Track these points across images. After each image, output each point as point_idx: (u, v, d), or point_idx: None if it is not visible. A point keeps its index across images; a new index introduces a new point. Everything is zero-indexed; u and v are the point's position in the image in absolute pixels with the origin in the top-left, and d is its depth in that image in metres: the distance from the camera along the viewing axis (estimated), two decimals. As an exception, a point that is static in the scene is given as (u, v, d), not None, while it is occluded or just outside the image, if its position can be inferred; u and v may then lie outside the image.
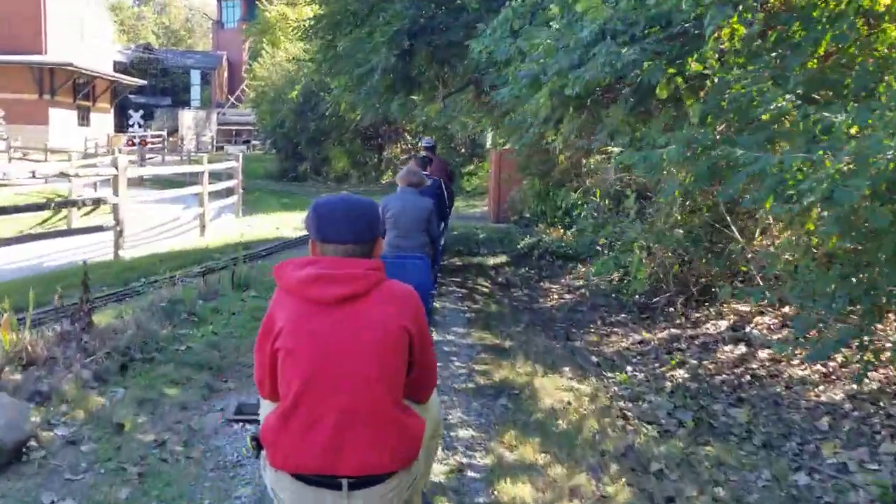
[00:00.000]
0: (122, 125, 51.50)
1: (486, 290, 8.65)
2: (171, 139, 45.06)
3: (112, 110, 44.56)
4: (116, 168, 10.67)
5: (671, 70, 5.07)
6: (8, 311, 4.47)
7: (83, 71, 37.04)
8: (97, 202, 11.64)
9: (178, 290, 6.51)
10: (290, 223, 14.43)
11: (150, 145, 29.44)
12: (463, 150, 23.31)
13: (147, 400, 4.11)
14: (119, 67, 54.84)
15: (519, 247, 11.16)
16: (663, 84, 5.18)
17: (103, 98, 42.21)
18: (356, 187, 25.79)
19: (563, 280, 9.06)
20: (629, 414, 4.87)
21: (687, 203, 5.88)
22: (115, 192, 10.69)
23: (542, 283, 8.99)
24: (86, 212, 15.50)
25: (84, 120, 39.73)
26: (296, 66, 21.61)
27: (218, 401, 4.34)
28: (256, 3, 43.25)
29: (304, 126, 23.57)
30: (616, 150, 6.18)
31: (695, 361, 5.96)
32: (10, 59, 34.74)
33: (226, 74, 59.01)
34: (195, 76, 58.76)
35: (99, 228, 10.74)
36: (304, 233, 11.49)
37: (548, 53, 5.49)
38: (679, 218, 6.15)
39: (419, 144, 16.04)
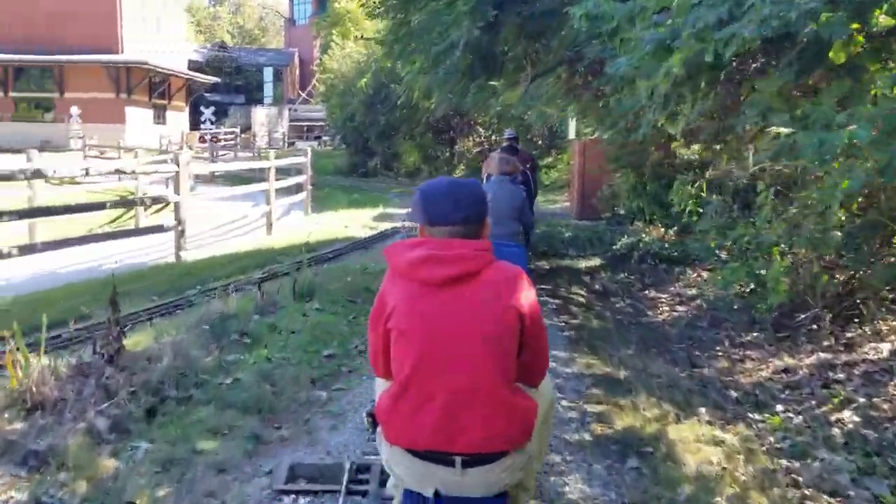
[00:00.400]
0: (196, 123, 52.35)
1: (582, 299, 7.49)
2: (244, 136, 45.47)
3: (187, 108, 45.09)
4: (178, 165, 9.99)
5: (855, 25, 3.84)
6: (16, 335, 3.59)
7: (158, 69, 37.43)
8: (159, 200, 10.97)
9: (232, 302, 5.64)
10: (359, 220, 13.59)
11: (222, 142, 29.22)
12: (540, 142, 22.07)
13: (175, 461, 3.17)
14: (194, 66, 55.69)
15: (615, 248, 9.94)
16: (839, 45, 3.95)
17: (178, 96, 42.69)
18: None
19: (671, 288, 7.80)
20: (800, 479, 3.67)
21: (859, 199, 4.60)
22: (177, 191, 10.01)
23: (646, 292, 7.76)
24: (155, 210, 15.07)
25: (160, 118, 40.22)
26: (366, 57, 20.80)
27: (266, 459, 3.37)
28: (327, -2, 43.03)
29: (374, 119, 22.73)
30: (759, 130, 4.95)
31: (863, 399, 4.67)
32: (87, 58, 35.35)
33: (297, 71, 59.24)
34: (268, 73, 59.22)
35: (160, 228, 10.08)
36: (374, 232, 10.13)
37: (680, 11, 4.31)
38: (841, 218, 4.86)
39: (503, 136, 15.22)
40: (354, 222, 13.31)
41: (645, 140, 7.90)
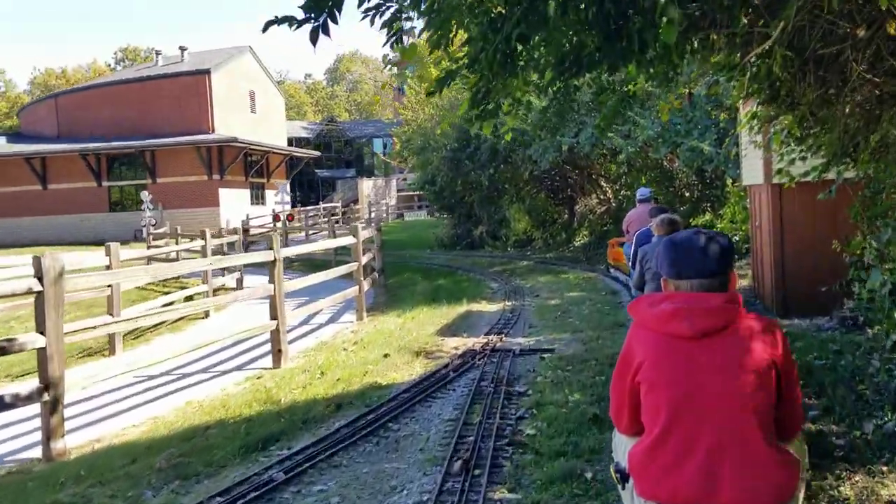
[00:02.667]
0: (305, 200, 50.25)
1: None
2: (355, 207, 42.68)
3: (287, 185, 42.73)
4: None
5: None
6: None
7: (252, 146, 35.07)
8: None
9: None
10: (423, 332, 8.71)
11: (295, 219, 25.58)
12: (687, 194, 16.49)
13: None
14: (302, 142, 54.32)
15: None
16: None
17: (278, 173, 40.33)
18: (542, 253, 19.73)
19: None
20: None
21: None
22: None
23: None
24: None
25: (258, 198, 37.79)
26: (447, 102, 16.35)
27: None
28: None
29: (465, 180, 17.99)
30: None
31: None
32: (175, 140, 33.49)
33: (405, 139, 56.44)
34: (377, 144, 57.08)
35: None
36: (422, 371, 6.66)
37: None
38: None
39: (635, 194, 10.57)
40: (412, 339, 8.40)
41: None
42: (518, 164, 13.57)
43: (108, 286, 9.43)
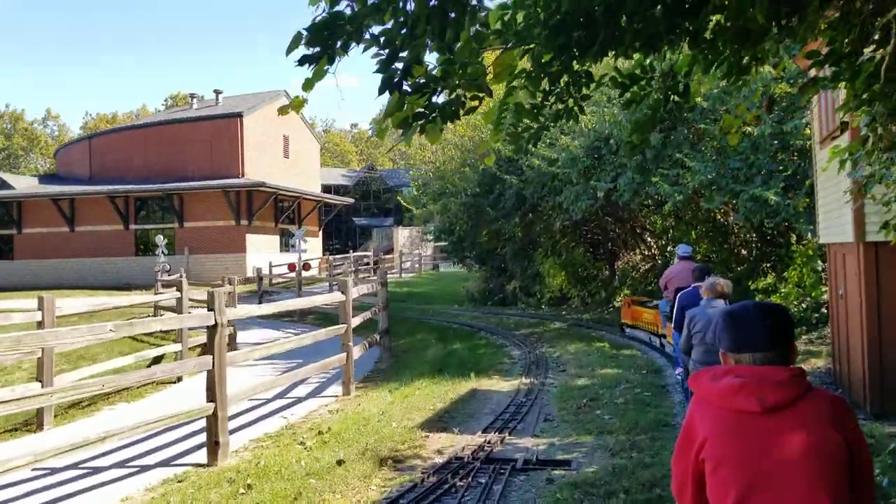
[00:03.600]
0: (343, 248, 49.05)
1: None
2: (385, 257, 41.26)
3: (320, 233, 41.50)
4: None
5: None
6: None
7: (281, 192, 33.99)
8: None
9: None
10: (412, 418, 6.78)
11: (311, 268, 24.07)
12: (744, 252, 14.35)
13: None
14: (342, 190, 53.50)
15: None
16: None
17: (310, 220, 39.18)
18: (578, 313, 17.66)
19: None
20: None
21: None
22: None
23: None
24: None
25: (288, 245, 36.56)
26: (469, 141, 14.56)
27: None
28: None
29: (489, 228, 16.03)
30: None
31: None
32: (201, 184, 32.63)
33: (445, 187, 55.09)
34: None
35: None
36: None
37: None
38: None
39: (676, 251, 9.71)
40: (388, 434, 6.47)
41: None
42: (548, 212, 11.70)
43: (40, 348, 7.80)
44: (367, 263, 35.61)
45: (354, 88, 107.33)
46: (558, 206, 10.77)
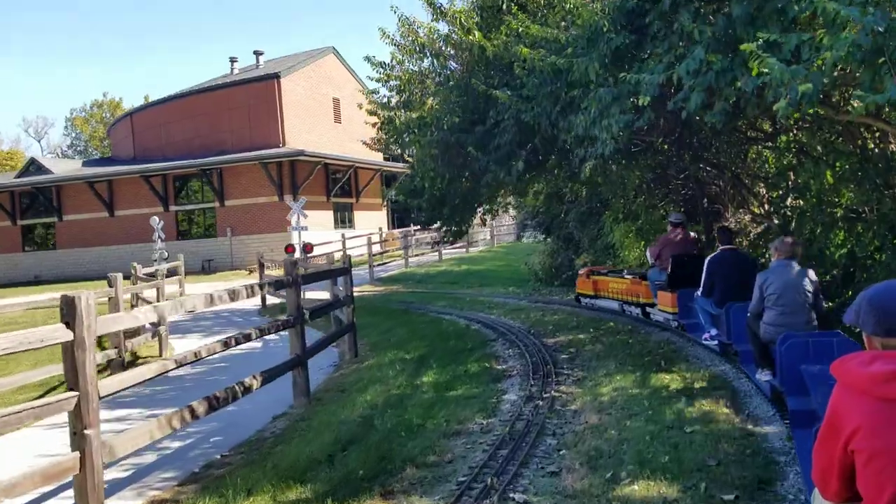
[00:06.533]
0: (402, 221, 44.86)
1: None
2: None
3: (384, 206, 37.28)
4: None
5: None
6: None
7: (330, 160, 29.97)
8: None
9: None
10: None
11: (312, 251, 19.86)
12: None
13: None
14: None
15: None
16: None
17: (371, 192, 35.09)
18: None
19: None
20: None
21: None
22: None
23: None
24: None
25: (344, 222, 32.64)
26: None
27: None
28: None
29: (479, 179, 9.80)
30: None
31: None
32: (238, 157, 29.08)
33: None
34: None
35: None
36: None
37: None
38: None
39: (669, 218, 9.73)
40: None
41: None
42: (567, 146, 6.59)
43: None
44: (431, 240, 31.09)
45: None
46: (575, 135, 5.89)
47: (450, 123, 8.32)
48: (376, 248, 27.94)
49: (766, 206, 12.30)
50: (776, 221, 10.97)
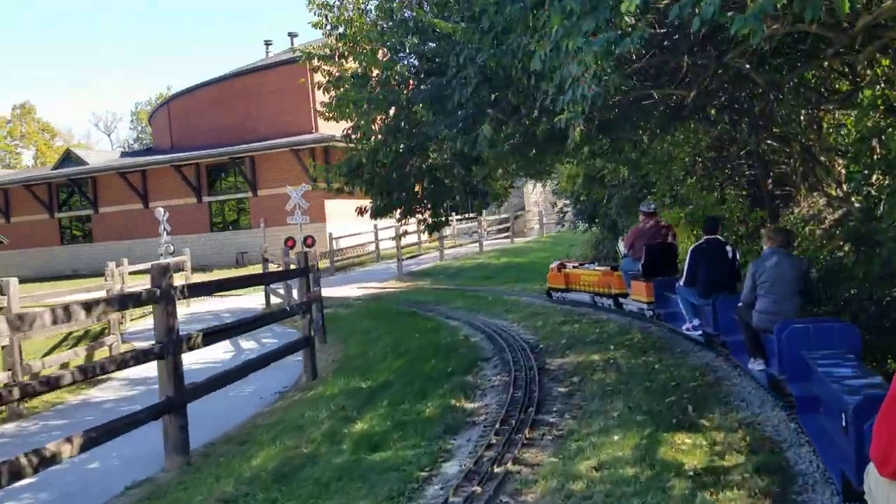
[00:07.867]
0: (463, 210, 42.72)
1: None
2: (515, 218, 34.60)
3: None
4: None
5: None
6: None
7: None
8: None
9: None
10: None
11: (313, 244, 18.11)
12: None
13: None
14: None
15: None
16: None
17: (413, 178, 33.25)
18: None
19: None
20: None
21: None
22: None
23: None
24: None
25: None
26: None
27: None
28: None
29: (432, 147, 7.29)
30: None
31: None
32: (269, 143, 27.66)
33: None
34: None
35: None
36: None
37: None
38: None
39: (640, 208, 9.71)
40: None
41: None
42: (541, 100, 4.53)
43: None
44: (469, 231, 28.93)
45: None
46: (535, 73, 3.81)
47: (397, 76, 6.25)
48: (412, 239, 26.06)
49: (845, 187, 9.76)
50: (857, 205, 8.43)
